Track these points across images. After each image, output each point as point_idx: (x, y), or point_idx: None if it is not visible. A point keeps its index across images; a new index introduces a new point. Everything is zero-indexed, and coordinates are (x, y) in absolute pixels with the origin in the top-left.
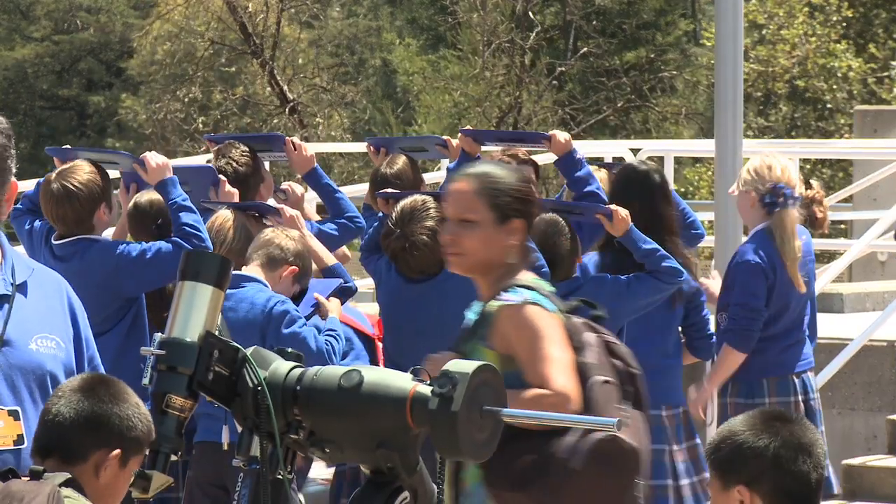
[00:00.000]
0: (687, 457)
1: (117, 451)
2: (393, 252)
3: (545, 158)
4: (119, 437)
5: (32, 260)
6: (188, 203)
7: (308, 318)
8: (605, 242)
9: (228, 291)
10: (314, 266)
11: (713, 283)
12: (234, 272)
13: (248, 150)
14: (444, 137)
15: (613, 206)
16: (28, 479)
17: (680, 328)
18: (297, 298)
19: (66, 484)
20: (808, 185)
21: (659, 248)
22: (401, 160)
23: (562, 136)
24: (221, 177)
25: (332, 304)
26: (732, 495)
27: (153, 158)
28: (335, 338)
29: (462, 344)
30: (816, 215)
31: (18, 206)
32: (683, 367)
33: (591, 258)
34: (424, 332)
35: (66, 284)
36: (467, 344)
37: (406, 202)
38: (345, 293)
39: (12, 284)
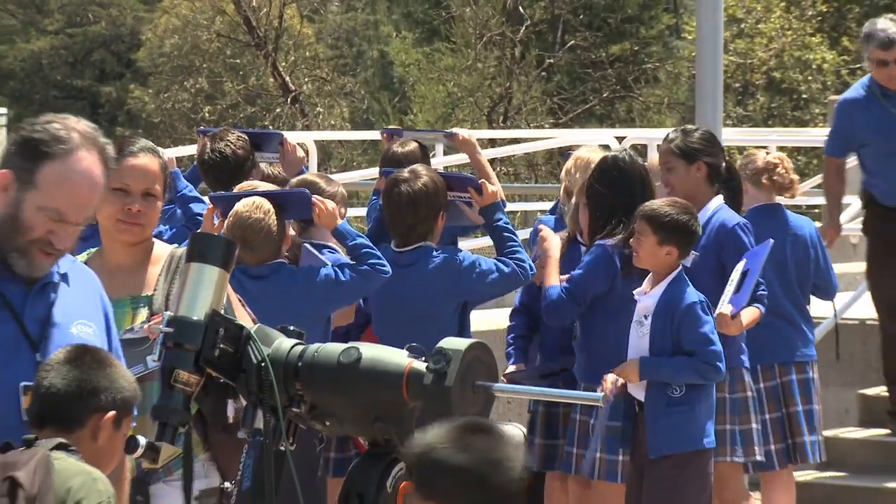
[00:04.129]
0: None
1: (111, 414)
2: None
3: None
4: (111, 400)
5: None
6: (194, 193)
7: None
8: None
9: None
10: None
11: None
12: None
13: (245, 136)
14: (452, 130)
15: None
16: (23, 448)
17: None
18: None
19: (57, 448)
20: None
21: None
22: (412, 143)
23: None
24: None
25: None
26: None
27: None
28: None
29: None
30: (782, 180)
31: None
32: None
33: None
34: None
35: (99, 282)
36: None
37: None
38: None
39: (58, 273)
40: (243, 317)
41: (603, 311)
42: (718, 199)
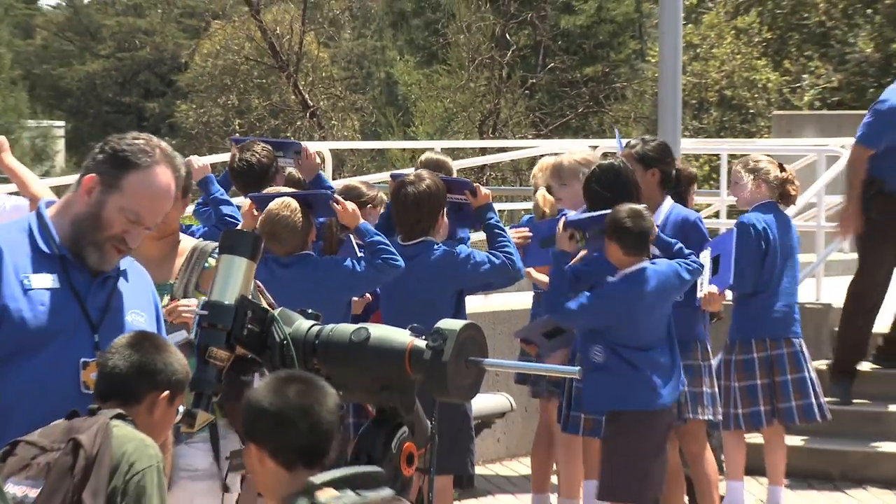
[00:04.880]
0: None
1: (166, 393)
2: None
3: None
4: (166, 380)
5: None
6: (225, 197)
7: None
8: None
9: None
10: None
11: None
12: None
13: (269, 147)
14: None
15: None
16: (87, 416)
17: None
18: None
19: (116, 417)
20: (781, 169)
21: (675, 241)
22: (439, 153)
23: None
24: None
25: (352, 211)
26: (249, 451)
27: (196, 161)
28: (375, 250)
29: None
30: (790, 192)
31: None
32: None
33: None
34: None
35: (150, 279)
36: None
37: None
38: None
39: (117, 269)
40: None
41: None
42: (670, 200)
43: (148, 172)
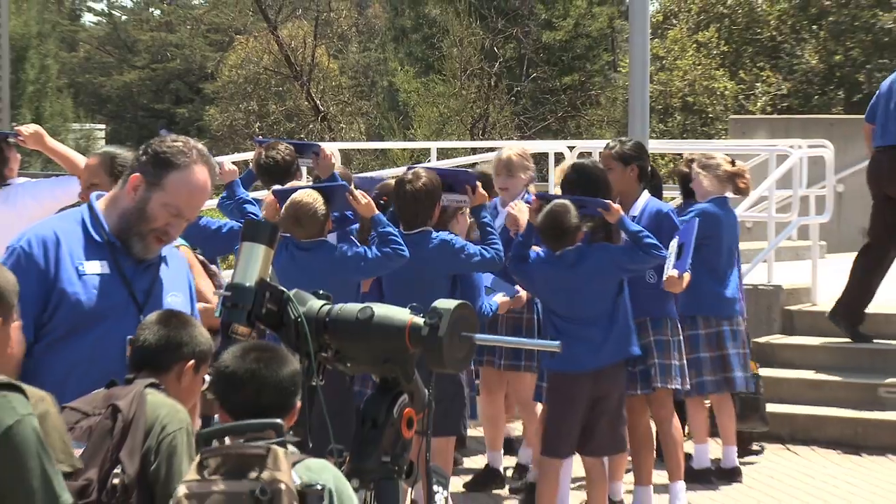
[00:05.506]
0: None
1: (192, 362)
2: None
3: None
4: (191, 352)
5: None
6: (248, 197)
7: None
8: (596, 227)
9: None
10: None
11: None
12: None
13: (290, 146)
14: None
15: (609, 201)
16: (124, 385)
17: None
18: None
19: (150, 386)
20: (732, 164)
21: (643, 230)
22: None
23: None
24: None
25: (366, 203)
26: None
27: (226, 165)
28: (384, 241)
29: None
30: (740, 185)
31: None
32: None
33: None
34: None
35: (187, 263)
36: None
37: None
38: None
39: (159, 256)
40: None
41: None
42: (646, 194)
43: (187, 171)
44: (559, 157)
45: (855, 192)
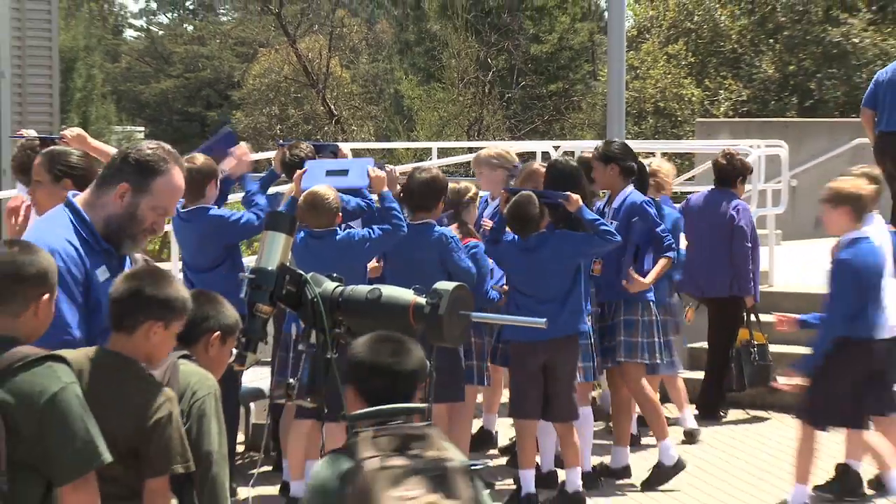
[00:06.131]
0: None
1: (218, 334)
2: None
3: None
4: (216, 325)
5: None
6: (259, 191)
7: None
8: (559, 216)
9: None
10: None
11: None
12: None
13: (311, 146)
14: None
15: (569, 193)
16: None
17: None
18: None
19: (182, 357)
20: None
21: (599, 218)
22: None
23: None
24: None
25: (381, 177)
26: (348, 390)
27: (245, 148)
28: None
29: None
30: (657, 183)
31: None
32: None
33: None
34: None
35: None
36: None
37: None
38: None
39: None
40: None
41: None
42: (629, 187)
43: (168, 176)
44: (546, 156)
45: (807, 186)
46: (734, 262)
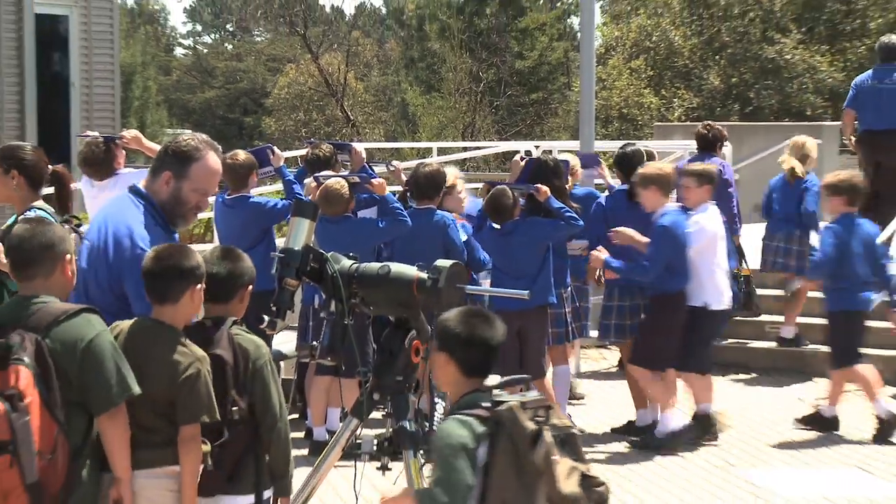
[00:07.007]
0: None
1: (250, 287)
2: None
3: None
4: (250, 278)
5: None
6: (294, 179)
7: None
8: (531, 207)
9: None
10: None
11: None
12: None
13: (331, 146)
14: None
15: (539, 185)
16: (210, 325)
17: None
18: None
19: (233, 324)
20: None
21: (563, 206)
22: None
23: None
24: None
25: (380, 184)
26: (440, 356)
27: (277, 153)
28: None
29: None
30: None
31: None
32: None
33: None
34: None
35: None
36: None
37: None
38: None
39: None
40: None
41: None
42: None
43: (204, 160)
44: (528, 154)
45: (748, 178)
46: (723, 207)
